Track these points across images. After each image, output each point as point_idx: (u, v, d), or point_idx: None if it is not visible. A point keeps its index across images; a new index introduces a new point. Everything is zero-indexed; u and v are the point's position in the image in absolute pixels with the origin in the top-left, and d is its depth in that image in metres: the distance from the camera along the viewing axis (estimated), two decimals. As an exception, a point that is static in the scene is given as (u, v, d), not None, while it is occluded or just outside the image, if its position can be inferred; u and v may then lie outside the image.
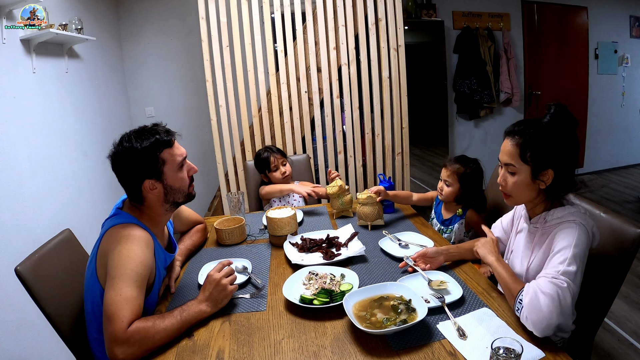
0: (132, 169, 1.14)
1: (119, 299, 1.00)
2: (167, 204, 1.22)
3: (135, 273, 1.05)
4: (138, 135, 1.14)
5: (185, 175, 1.22)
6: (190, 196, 1.27)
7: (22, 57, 1.96)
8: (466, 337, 0.96)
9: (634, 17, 4.85)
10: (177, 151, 1.20)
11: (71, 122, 2.38)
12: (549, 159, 1.06)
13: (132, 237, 1.09)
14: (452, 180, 1.74)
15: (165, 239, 1.34)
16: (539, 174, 1.08)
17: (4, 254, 1.66)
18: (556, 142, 1.05)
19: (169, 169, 1.17)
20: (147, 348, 0.99)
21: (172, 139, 1.19)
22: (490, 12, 4.23)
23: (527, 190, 1.11)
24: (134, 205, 1.21)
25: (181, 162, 1.21)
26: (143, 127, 1.18)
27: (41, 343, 1.79)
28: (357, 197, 1.69)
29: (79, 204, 2.36)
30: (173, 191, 1.20)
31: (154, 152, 1.14)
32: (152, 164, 1.14)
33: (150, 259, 1.12)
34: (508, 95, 4.29)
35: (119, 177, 1.17)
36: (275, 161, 2.11)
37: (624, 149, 5.21)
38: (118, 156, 1.14)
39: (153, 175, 1.15)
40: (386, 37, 3.00)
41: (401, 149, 3.16)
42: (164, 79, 3.58)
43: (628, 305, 2.33)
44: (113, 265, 1.05)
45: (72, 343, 1.22)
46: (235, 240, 1.63)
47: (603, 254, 1.25)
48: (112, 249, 1.07)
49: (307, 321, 1.08)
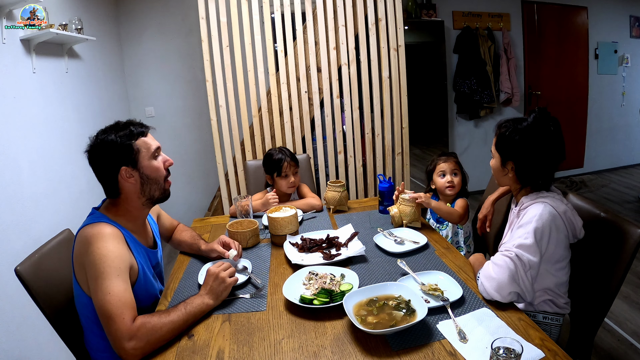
0: (108, 158, 1.16)
1: (110, 297, 1.00)
2: (144, 196, 1.22)
3: (114, 268, 1.04)
4: (112, 128, 1.19)
5: (160, 165, 1.24)
6: (165, 192, 1.27)
7: (22, 57, 1.96)
8: (467, 340, 0.96)
9: (634, 17, 4.84)
10: (152, 141, 1.23)
11: (71, 122, 2.38)
12: (509, 152, 1.25)
13: (101, 235, 1.09)
14: (458, 169, 1.83)
15: (148, 236, 1.33)
16: (505, 162, 1.27)
17: (4, 254, 1.66)
18: (520, 140, 1.21)
19: (144, 157, 1.19)
20: (155, 340, 1.00)
21: (146, 130, 1.23)
22: (490, 12, 4.22)
23: (499, 174, 1.31)
24: (111, 202, 1.22)
25: (155, 151, 1.22)
26: (117, 122, 1.23)
27: (41, 343, 1.79)
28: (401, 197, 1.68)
29: (79, 204, 2.35)
30: (149, 181, 1.21)
31: (129, 140, 1.17)
32: (128, 151, 1.16)
33: (125, 252, 1.12)
34: (508, 95, 4.29)
35: (95, 170, 1.19)
36: (288, 168, 1.96)
37: (624, 149, 5.20)
38: (94, 148, 1.17)
39: (129, 162, 1.17)
40: (386, 37, 3.00)
41: (401, 149, 3.16)
42: (164, 79, 3.58)
43: (628, 305, 2.33)
44: (90, 266, 1.04)
45: (72, 343, 1.22)
46: (251, 243, 1.60)
47: (603, 254, 1.26)
48: (84, 251, 1.07)
49: (307, 321, 1.08)
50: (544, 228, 1.13)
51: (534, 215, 1.15)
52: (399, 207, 1.66)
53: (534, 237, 1.12)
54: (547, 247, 1.15)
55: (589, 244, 1.30)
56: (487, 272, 1.14)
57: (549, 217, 1.14)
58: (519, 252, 1.12)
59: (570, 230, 1.20)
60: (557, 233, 1.16)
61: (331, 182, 1.94)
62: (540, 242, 1.13)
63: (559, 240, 1.17)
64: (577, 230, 1.22)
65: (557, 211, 1.16)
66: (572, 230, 1.21)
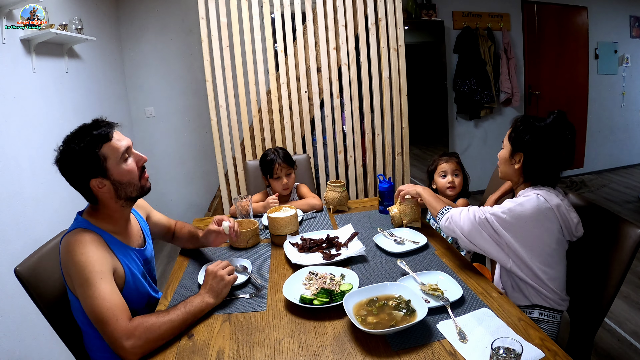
0: (75, 171, 1.10)
1: (99, 302, 1.00)
2: (121, 199, 1.17)
3: (97, 272, 1.03)
4: (75, 136, 1.10)
5: (132, 167, 1.16)
6: (143, 189, 1.21)
7: (22, 57, 1.96)
8: (467, 340, 0.96)
9: (634, 17, 4.84)
10: (118, 143, 1.13)
11: (71, 122, 2.37)
12: (521, 144, 1.28)
13: (79, 241, 1.07)
14: (459, 170, 1.86)
15: (135, 235, 1.29)
16: (514, 153, 1.30)
17: (4, 254, 1.66)
18: (534, 135, 1.25)
19: (112, 164, 1.12)
20: (154, 339, 1.00)
21: (110, 133, 1.12)
22: (490, 12, 4.22)
23: (505, 165, 1.35)
24: (92, 207, 1.19)
25: (124, 153, 1.14)
26: (82, 126, 1.13)
27: (41, 343, 1.79)
28: None
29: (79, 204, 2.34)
30: (123, 185, 1.15)
31: (92, 150, 1.08)
32: (94, 162, 1.09)
33: (106, 255, 1.10)
34: (508, 95, 4.29)
35: (67, 180, 1.14)
36: (279, 170, 1.95)
37: (624, 149, 5.20)
38: (59, 161, 1.11)
39: (98, 173, 1.11)
40: (386, 37, 3.00)
41: (401, 149, 3.16)
42: (164, 79, 3.58)
43: (628, 305, 2.33)
44: (75, 275, 1.04)
45: (72, 343, 1.22)
46: (252, 243, 1.60)
47: (603, 254, 1.26)
48: (66, 260, 1.07)
49: (307, 321, 1.08)
50: (524, 213, 1.19)
51: (519, 202, 1.21)
52: (399, 207, 1.66)
53: (508, 214, 1.20)
54: (527, 233, 1.20)
55: (589, 244, 1.30)
56: (456, 213, 1.30)
57: (534, 207, 1.19)
58: (490, 218, 1.22)
59: (564, 226, 1.22)
60: (544, 223, 1.19)
61: (331, 182, 1.94)
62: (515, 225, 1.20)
63: (548, 231, 1.20)
64: (573, 226, 1.23)
65: (549, 204, 1.20)
66: (567, 227, 1.22)
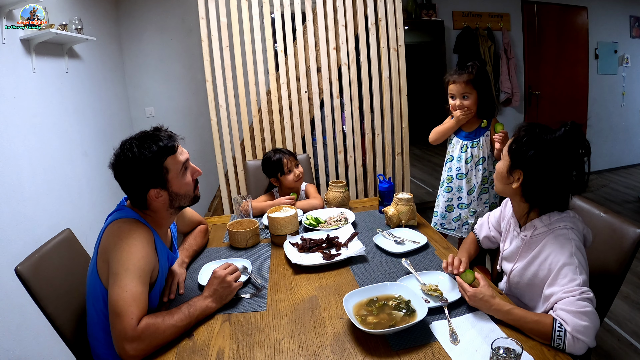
0: (136, 178, 1.10)
1: (126, 295, 0.99)
2: (172, 208, 1.20)
3: (138, 268, 1.04)
4: (140, 143, 1.10)
5: (189, 180, 1.20)
6: (195, 199, 1.24)
7: (22, 57, 1.96)
8: (458, 342, 0.96)
9: (634, 17, 4.84)
10: (180, 157, 1.16)
11: (71, 122, 2.38)
12: (521, 160, 1.09)
13: (133, 233, 1.08)
14: (469, 89, 1.64)
15: (168, 240, 1.33)
16: (512, 170, 1.12)
17: (4, 254, 1.66)
18: (539, 150, 1.06)
19: (173, 176, 1.14)
20: (158, 343, 1.00)
21: (175, 145, 1.15)
22: (490, 12, 4.23)
23: (502, 181, 1.16)
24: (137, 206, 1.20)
25: (184, 166, 1.18)
26: (144, 133, 1.13)
27: (41, 343, 1.79)
28: None
29: (79, 204, 2.36)
30: (179, 197, 1.18)
31: (157, 161, 1.10)
32: (157, 173, 1.11)
33: (152, 254, 1.11)
34: (508, 95, 4.29)
35: (122, 185, 1.14)
36: (288, 163, 2.00)
37: (624, 149, 5.20)
38: (120, 165, 1.10)
39: (158, 184, 1.12)
40: (386, 37, 3.00)
41: (401, 149, 3.16)
42: (164, 79, 3.58)
43: (628, 305, 2.33)
44: (115, 261, 1.03)
45: (72, 343, 1.22)
46: (251, 243, 1.60)
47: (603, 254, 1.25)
48: (113, 245, 1.06)
49: (307, 321, 1.09)
50: (584, 257, 1.05)
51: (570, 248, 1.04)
52: (397, 207, 1.66)
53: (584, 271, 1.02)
54: None
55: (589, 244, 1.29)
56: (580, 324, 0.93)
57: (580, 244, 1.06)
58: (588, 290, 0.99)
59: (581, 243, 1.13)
60: None
61: (333, 183, 1.94)
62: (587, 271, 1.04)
63: None
64: (588, 242, 1.15)
65: (579, 232, 1.09)
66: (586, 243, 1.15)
